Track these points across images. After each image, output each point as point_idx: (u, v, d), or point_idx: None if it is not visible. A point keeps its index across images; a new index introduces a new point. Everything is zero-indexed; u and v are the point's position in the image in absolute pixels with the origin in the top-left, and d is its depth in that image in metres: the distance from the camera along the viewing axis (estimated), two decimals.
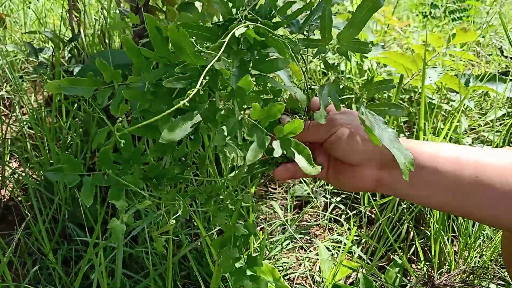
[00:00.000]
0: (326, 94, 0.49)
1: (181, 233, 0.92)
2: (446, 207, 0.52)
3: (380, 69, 1.50)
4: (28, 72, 1.57)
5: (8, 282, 0.75)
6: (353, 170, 0.52)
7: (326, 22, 0.47)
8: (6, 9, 2.01)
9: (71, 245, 0.96)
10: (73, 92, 0.48)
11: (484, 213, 0.49)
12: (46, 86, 0.48)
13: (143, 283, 0.80)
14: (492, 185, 0.47)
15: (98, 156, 0.47)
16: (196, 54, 0.44)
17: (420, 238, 1.03)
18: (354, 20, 0.47)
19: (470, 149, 0.51)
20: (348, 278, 0.96)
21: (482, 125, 1.30)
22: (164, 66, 0.48)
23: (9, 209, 1.07)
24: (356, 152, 0.51)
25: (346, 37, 0.48)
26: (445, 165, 0.49)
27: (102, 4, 1.50)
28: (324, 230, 1.10)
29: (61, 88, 0.48)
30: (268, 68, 0.49)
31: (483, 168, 0.48)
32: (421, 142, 0.53)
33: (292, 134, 0.45)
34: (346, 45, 0.49)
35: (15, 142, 1.19)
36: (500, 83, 1.22)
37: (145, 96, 0.48)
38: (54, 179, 0.47)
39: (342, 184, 0.55)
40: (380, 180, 0.52)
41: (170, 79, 0.44)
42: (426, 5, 2.29)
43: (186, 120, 0.43)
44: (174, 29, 0.42)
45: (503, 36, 1.95)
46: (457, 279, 0.86)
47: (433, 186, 0.50)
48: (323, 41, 0.49)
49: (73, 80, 0.48)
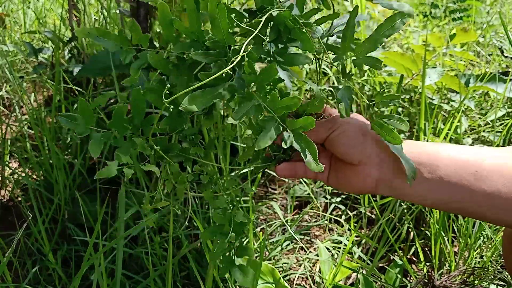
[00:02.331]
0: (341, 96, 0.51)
1: (181, 234, 0.92)
2: (446, 205, 0.52)
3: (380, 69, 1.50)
4: (28, 72, 1.57)
5: (8, 283, 0.75)
6: (354, 169, 0.52)
7: (349, 32, 0.50)
8: (5, 9, 2.01)
9: (71, 245, 0.96)
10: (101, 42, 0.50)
11: (483, 211, 0.49)
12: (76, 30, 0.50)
13: (143, 283, 0.80)
14: (490, 183, 0.48)
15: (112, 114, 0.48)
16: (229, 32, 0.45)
17: (420, 239, 1.03)
18: (372, 38, 0.50)
19: (469, 148, 0.52)
20: (348, 279, 0.96)
21: (483, 125, 1.30)
22: (192, 42, 0.49)
23: (9, 209, 1.07)
24: (355, 150, 0.51)
25: (362, 51, 0.51)
26: (444, 164, 0.50)
27: (102, 4, 1.50)
28: (324, 231, 1.10)
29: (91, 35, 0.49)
30: (290, 61, 0.50)
31: (481, 165, 0.49)
32: (421, 142, 0.53)
33: (303, 129, 0.46)
34: (362, 58, 0.51)
35: (15, 142, 1.19)
36: (500, 83, 1.22)
37: (168, 65, 0.49)
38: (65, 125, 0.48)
39: (342, 185, 0.55)
40: (380, 179, 0.52)
41: (198, 52, 0.46)
42: (426, 5, 2.29)
43: (208, 94, 0.45)
44: (215, 2, 0.43)
45: (503, 36, 1.95)
46: (457, 280, 0.86)
47: (432, 185, 0.50)
48: (343, 50, 0.51)
49: (103, 31, 0.50)
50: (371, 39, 0.50)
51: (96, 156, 0.47)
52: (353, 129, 0.52)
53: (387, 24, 0.49)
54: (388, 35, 0.49)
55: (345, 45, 0.50)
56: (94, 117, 0.48)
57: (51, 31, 1.42)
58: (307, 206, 1.15)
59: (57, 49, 1.35)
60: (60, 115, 0.47)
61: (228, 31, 0.45)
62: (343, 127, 0.52)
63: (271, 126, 0.46)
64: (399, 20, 0.48)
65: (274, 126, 0.46)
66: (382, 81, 1.40)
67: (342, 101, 0.51)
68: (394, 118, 0.53)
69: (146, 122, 0.50)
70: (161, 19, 0.48)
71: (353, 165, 0.52)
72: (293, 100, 0.45)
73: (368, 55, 0.51)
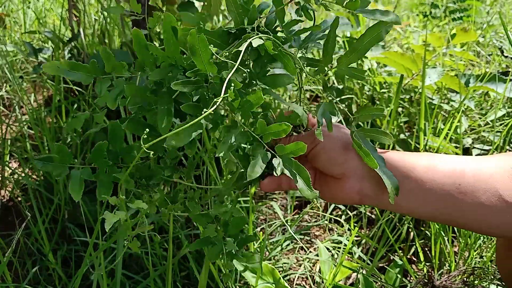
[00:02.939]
0: (321, 113, 0.51)
1: (181, 234, 0.92)
2: (433, 218, 0.52)
3: (380, 69, 1.50)
4: (28, 72, 1.57)
5: (8, 283, 0.75)
6: (337, 182, 0.53)
7: (329, 45, 0.49)
8: (5, 9, 2.00)
9: (70, 245, 0.96)
10: (71, 77, 0.47)
11: (468, 223, 0.49)
12: (44, 65, 0.47)
13: (143, 283, 0.80)
14: (474, 193, 0.47)
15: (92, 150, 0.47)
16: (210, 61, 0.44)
17: (420, 239, 1.03)
18: (355, 48, 0.49)
19: (452, 157, 0.51)
20: (348, 279, 0.96)
21: (483, 125, 1.30)
22: (169, 66, 0.48)
23: (9, 209, 1.07)
24: (337, 164, 0.51)
25: (345, 62, 0.50)
26: (428, 178, 0.49)
27: (102, 4, 1.50)
28: (324, 231, 1.10)
29: (60, 70, 0.47)
30: (273, 83, 0.50)
31: (465, 177, 0.48)
32: (408, 155, 0.53)
33: (293, 154, 0.46)
34: (344, 69, 0.51)
35: (15, 142, 1.19)
36: (500, 83, 1.22)
37: (145, 93, 0.48)
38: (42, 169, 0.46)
39: (327, 197, 0.55)
40: (363, 192, 0.52)
41: (177, 81, 0.44)
42: (426, 5, 2.29)
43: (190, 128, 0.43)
44: (195, 34, 0.42)
45: (503, 36, 1.95)
46: (457, 280, 0.86)
47: (418, 198, 0.50)
48: (324, 63, 0.51)
49: (74, 64, 0.48)
50: (355, 49, 0.49)
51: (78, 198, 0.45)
52: (334, 143, 0.52)
53: (370, 34, 0.48)
54: (372, 44, 0.48)
55: (326, 59, 0.50)
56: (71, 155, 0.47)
57: (51, 31, 1.42)
58: (307, 206, 1.15)
59: (57, 49, 1.35)
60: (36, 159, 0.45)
61: (209, 61, 0.44)
62: (324, 143, 0.52)
63: (259, 153, 0.45)
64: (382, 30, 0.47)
65: (262, 154, 0.45)
66: (382, 81, 1.40)
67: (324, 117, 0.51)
68: (377, 132, 0.53)
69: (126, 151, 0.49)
70: (136, 44, 0.47)
71: (336, 178, 0.53)
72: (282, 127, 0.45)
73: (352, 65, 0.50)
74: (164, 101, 0.47)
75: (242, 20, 0.50)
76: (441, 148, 1.06)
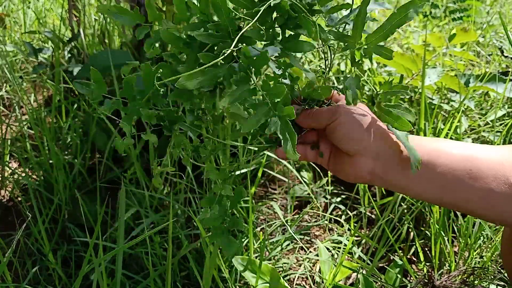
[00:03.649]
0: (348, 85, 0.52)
1: (181, 234, 0.92)
2: (440, 201, 0.52)
3: (380, 69, 1.50)
4: (28, 72, 1.57)
5: (8, 283, 0.75)
6: (350, 159, 0.53)
7: (360, 20, 0.50)
8: (5, 9, 2.01)
9: (71, 245, 0.96)
10: (119, 19, 0.53)
11: (474, 208, 0.50)
12: (97, 7, 0.53)
13: (143, 283, 0.80)
14: (484, 179, 0.48)
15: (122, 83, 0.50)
16: (231, 17, 0.47)
17: (420, 239, 1.03)
18: (383, 27, 0.50)
19: (465, 144, 0.52)
20: (348, 279, 0.96)
21: (482, 125, 1.30)
22: (203, 22, 0.50)
23: (9, 209, 1.07)
24: (353, 141, 0.52)
25: (373, 41, 0.51)
26: (440, 162, 0.50)
27: (102, 4, 1.50)
28: (324, 231, 1.10)
29: (111, 12, 0.52)
30: (294, 47, 0.51)
31: (476, 162, 0.49)
32: (419, 138, 0.54)
33: (288, 117, 0.47)
34: (372, 47, 0.51)
35: (15, 142, 1.19)
36: (500, 83, 1.22)
37: (179, 43, 0.51)
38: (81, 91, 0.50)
39: (339, 172, 0.56)
40: (374, 172, 0.52)
41: (202, 33, 0.48)
42: (426, 5, 2.29)
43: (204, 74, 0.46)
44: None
45: (503, 36, 1.95)
46: (457, 280, 0.86)
47: (428, 181, 0.50)
48: (353, 38, 0.51)
49: (121, 9, 0.53)
50: (383, 28, 0.49)
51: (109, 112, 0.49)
52: (352, 120, 0.52)
53: (400, 13, 0.48)
54: (400, 24, 0.49)
55: (356, 32, 0.50)
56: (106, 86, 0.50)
57: (51, 31, 1.42)
58: (307, 206, 1.15)
59: (57, 49, 1.35)
60: (75, 81, 0.49)
61: (229, 15, 0.47)
62: (343, 118, 0.52)
63: (261, 110, 0.47)
64: (412, 9, 0.48)
65: (264, 111, 0.47)
66: (382, 81, 1.40)
67: (350, 89, 0.52)
68: (401, 107, 0.54)
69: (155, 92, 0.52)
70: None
71: (351, 156, 0.53)
72: (280, 88, 0.46)
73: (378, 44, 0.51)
74: (194, 53, 0.50)
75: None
76: None
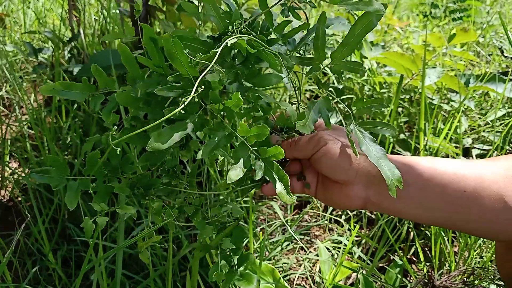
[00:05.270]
0: (317, 110, 0.49)
1: (181, 234, 0.92)
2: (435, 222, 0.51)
3: (380, 69, 1.50)
4: (28, 72, 1.57)
5: (8, 283, 0.75)
6: (341, 188, 0.51)
7: (320, 42, 0.48)
8: (5, 9, 2.00)
9: (70, 245, 0.96)
10: (67, 96, 0.48)
11: (474, 226, 0.49)
12: (40, 88, 0.48)
13: (143, 283, 0.80)
14: (479, 199, 0.47)
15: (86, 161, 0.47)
16: (190, 64, 0.44)
17: (420, 239, 1.03)
18: (347, 41, 0.47)
19: (458, 163, 0.50)
20: (348, 279, 0.96)
21: (482, 125, 1.30)
22: (159, 76, 0.47)
23: (9, 209, 1.07)
24: (341, 169, 0.49)
25: (339, 56, 0.49)
26: (432, 181, 0.49)
27: (102, 4, 1.50)
28: (324, 231, 1.10)
29: (55, 91, 0.47)
30: (261, 83, 0.49)
31: (470, 182, 0.48)
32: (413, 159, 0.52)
33: (274, 158, 0.45)
34: (339, 64, 0.49)
35: (15, 142, 1.19)
36: (500, 83, 1.22)
37: (138, 103, 0.47)
38: (40, 181, 0.46)
39: (330, 202, 0.54)
40: (368, 198, 0.51)
41: (163, 87, 0.44)
42: (426, 5, 2.29)
43: (175, 130, 0.43)
44: (169, 39, 0.42)
45: (503, 36, 1.95)
46: (457, 280, 0.86)
47: (420, 201, 0.49)
48: (317, 60, 0.50)
49: (67, 84, 0.48)
50: (347, 41, 0.48)
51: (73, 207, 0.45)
52: (338, 148, 0.49)
53: (360, 24, 0.46)
54: (363, 35, 0.47)
55: (318, 54, 0.49)
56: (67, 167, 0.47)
57: (51, 31, 1.42)
58: (307, 206, 1.15)
59: (57, 49, 1.35)
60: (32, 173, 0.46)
61: (188, 63, 0.43)
62: (328, 147, 0.49)
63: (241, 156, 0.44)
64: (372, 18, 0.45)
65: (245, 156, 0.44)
66: (382, 81, 1.40)
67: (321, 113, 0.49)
68: (378, 124, 0.51)
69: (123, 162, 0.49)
70: (124, 58, 0.47)
71: (340, 184, 0.51)
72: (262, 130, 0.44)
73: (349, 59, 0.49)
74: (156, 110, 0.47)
75: (226, 25, 0.49)
76: (441, 148, 1.06)
